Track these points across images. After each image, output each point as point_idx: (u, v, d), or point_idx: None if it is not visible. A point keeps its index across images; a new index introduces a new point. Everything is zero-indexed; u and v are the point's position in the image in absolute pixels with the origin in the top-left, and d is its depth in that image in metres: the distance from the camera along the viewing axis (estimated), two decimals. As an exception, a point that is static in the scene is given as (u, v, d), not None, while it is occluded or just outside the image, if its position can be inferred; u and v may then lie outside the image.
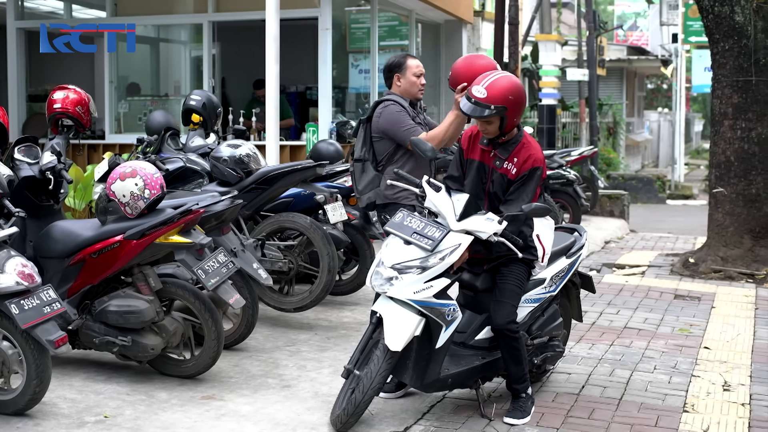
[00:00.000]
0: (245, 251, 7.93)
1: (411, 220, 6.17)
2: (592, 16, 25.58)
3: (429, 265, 5.99)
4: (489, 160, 6.44)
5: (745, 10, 12.04)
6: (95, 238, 6.71)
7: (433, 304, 5.98)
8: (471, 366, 6.40)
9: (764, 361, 8.12)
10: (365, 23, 16.70)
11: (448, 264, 6.03)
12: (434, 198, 6.25)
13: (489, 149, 6.44)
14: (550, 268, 6.74)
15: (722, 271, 11.92)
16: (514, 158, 6.37)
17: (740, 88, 12.14)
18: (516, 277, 6.41)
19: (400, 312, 5.97)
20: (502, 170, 6.39)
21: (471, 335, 6.46)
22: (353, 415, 5.97)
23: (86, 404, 6.43)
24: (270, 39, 11.14)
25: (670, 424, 6.44)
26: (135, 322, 6.73)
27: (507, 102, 6.17)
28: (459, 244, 6.06)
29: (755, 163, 12.17)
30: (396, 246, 6.11)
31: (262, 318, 8.69)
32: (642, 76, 44.73)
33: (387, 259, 6.08)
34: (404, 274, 5.99)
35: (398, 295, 5.96)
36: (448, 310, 6.04)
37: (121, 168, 6.84)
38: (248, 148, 8.76)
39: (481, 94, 6.19)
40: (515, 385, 6.47)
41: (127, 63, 16.20)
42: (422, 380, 6.21)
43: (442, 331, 6.05)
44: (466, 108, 6.26)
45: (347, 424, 6.00)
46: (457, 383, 6.45)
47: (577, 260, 7.03)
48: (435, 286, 5.98)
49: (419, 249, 6.04)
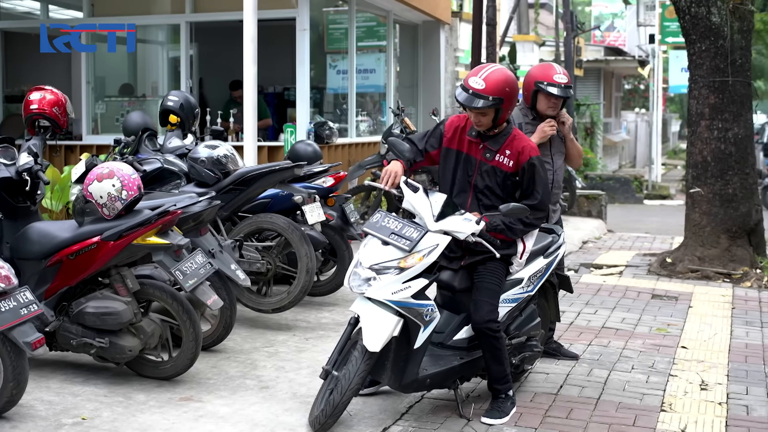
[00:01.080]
0: (223, 252, 7.91)
1: (389, 221, 6.17)
2: (569, 17, 25.62)
3: (407, 265, 5.98)
4: (477, 153, 6.42)
5: (722, 11, 12.08)
6: (72, 240, 6.68)
7: (411, 305, 5.98)
8: (449, 366, 6.40)
9: (741, 360, 8.15)
10: (343, 24, 16.69)
11: (427, 264, 6.03)
12: (412, 199, 6.25)
13: (478, 141, 6.43)
14: (528, 267, 6.72)
15: (699, 271, 11.96)
16: (506, 150, 6.38)
17: (717, 88, 12.18)
18: (494, 275, 6.41)
19: (378, 312, 5.97)
20: (494, 163, 6.38)
21: (449, 335, 6.46)
22: (331, 416, 5.97)
23: (64, 406, 6.40)
24: (247, 39, 11.13)
25: (647, 423, 6.46)
26: (112, 324, 6.71)
27: (504, 94, 6.19)
28: (437, 245, 6.06)
29: (732, 163, 12.21)
30: (374, 247, 6.11)
31: (240, 319, 8.68)
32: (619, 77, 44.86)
33: (365, 259, 6.08)
34: (382, 275, 5.98)
35: (376, 295, 5.96)
36: (426, 311, 6.04)
37: (98, 169, 6.82)
38: (226, 149, 8.74)
39: (478, 85, 6.20)
40: (497, 385, 6.47)
41: (104, 64, 16.14)
42: (400, 381, 6.21)
43: (420, 332, 6.05)
44: (462, 98, 6.24)
45: (326, 425, 6.00)
46: (436, 383, 6.44)
47: (555, 260, 7.02)
48: (413, 287, 5.98)
49: (397, 249, 6.03)
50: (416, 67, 19.98)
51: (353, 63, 16.35)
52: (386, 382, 6.30)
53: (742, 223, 12.27)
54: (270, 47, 14.83)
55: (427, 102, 19.36)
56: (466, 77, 6.33)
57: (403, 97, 18.68)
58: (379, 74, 18.02)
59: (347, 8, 16.45)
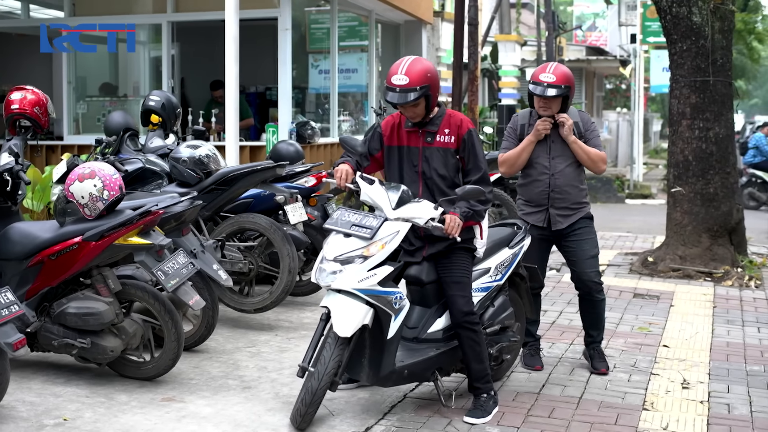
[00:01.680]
0: (205, 252, 7.91)
1: (348, 215, 6.27)
2: (551, 17, 25.68)
3: (370, 253, 6.08)
4: (418, 141, 6.48)
5: (703, 11, 12.11)
6: (54, 240, 6.66)
7: (378, 292, 6.06)
8: (426, 356, 6.45)
9: (722, 359, 8.18)
10: (325, 23, 16.68)
11: (389, 251, 6.12)
12: (368, 191, 6.34)
13: (415, 130, 6.49)
14: (494, 257, 6.85)
15: (681, 270, 11.99)
16: (444, 129, 6.45)
17: (698, 88, 12.22)
18: (460, 267, 6.47)
19: (347, 302, 6.04)
20: (436, 144, 6.44)
21: (423, 329, 6.53)
22: (311, 404, 6.00)
23: (45, 407, 6.39)
24: (229, 39, 11.11)
25: (629, 422, 6.47)
26: (94, 324, 6.69)
27: (428, 80, 6.26)
28: (397, 231, 6.16)
29: (713, 163, 12.25)
30: (337, 240, 6.19)
31: (223, 319, 8.68)
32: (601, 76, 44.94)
33: (329, 253, 6.16)
34: (347, 265, 6.06)
35: (343, 285, 6.03)
36: (394, 298, 6.13)
37: (79, 169, 6.80)
38: (208, 149, 8.74)
39: (402, 81, 6.25)
40: (477, 384, 6.50)
41: (85, 64, 16.09)
42: (378, 374, 6.25)
43: (391, 321, 6.13)
44: (393, 98, 6.29)
45: (306, 415, 6.02)
46: (415, 375, 6.47)
47: (521, 251, 7.11)
48: (378, 274, 6.07)
49: (359, 239, 6.11)
50: (398, 67, 19.95)
51: (335, 63, 16.34)
52: (365, 379, 6.36)
53: (723, 222, 12.31)
54: (252, 47, 14.81)
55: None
56: (388, 78, 6.36)
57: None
58: (361, 74, 18.02)
59: (329, 8, 16.44)
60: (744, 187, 22.53)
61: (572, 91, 7.35)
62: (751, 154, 23.70)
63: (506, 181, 13.93)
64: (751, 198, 23.02)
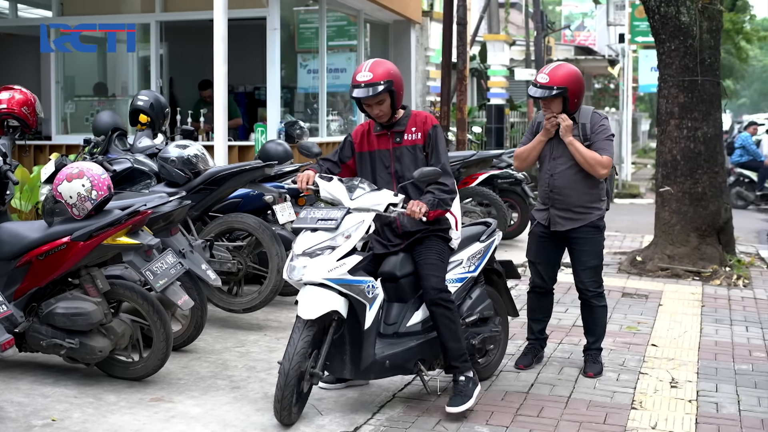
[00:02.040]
0: (194, 252, 7.90)
1: (314, 212, 6.37)
2: (539, 17, 25.72)
3: (336, 243, 6.17)
4: (387, 143, 6.65)
5: (691, 11, 12.14)
6: (42, 240, 6.65)
7: (350, 281, 6.15)
8: (407, 347, 6.52)
9: (711, 358, 8.19)
10: (314, 23, 16.66)
11: (355, 240, 6.23)
12: (327, 186, 6.50)
13: (384, 133, 6.66)
14: (466, 250, 6.94)
15: (669, 269, 12.02)
16: (411, 128, 6.63)
17: (686, 87, 12.24)
18: (433, 251, 6.57)
19: (315, 290, 6.13)
20: (406, 142, 6.61)
21: (402, 324, 6.59)
22: (285, 387, 6.00)
23: (33, 408, 6.37)
24: (218, 39, 11.09)
25: (618, 421, 6.48)
26: (82, 324, 6.68)
27: (391, 76, 6.45)
28: (362, 221, 6.27)
29: (701, 162, 12.28)
30: (304, 236, 6.29)
31: (211, 319, 8.67)
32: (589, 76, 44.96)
33: (297, 248, 6.25)
34: (315, 257, 6.15)
35: (314, 277, 6.10)
36: (366, 287, 6.23)
37: (67, 169, 6.79)
38: (196, 149, 8.73)
39: (366, 77, 6.44)
40: (455, 363, 6.53)
41: (73, 63, 16.05)
42: (359, 366, 6.32)
43: (367, 311, 6.23)
44: (359, 93, 6.46)
45: (284, 400, 6.02)
46: (396, 366, 6.51)
47: (492, 244, 7.20)
48: (348, 263, 6.17)
49: (325, 232, 6.21)
50: (387, 67, 19.96)
51: (324, 62, 16.32)
52: (348, 375, 6.43)
53: (711, 222, 12.34)
54: (240, 46, 14.79)
55: (397, 101, 19.32)
56: (353, 78, 6.53)
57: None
58: (350, 74, 17.85)
59: (318, 8, 16.42)
60: (731, 187, 22.59)
61: (573, 91, 7.31)
62: (737, 154, 23.76)
63: (495, 180, 13.96)
64: (739, 197, 23.08)
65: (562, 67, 7.43)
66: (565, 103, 7.35)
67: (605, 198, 7.54)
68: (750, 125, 25.70)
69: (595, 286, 7.54)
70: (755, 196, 23.30)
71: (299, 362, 6.03)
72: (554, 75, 7.31)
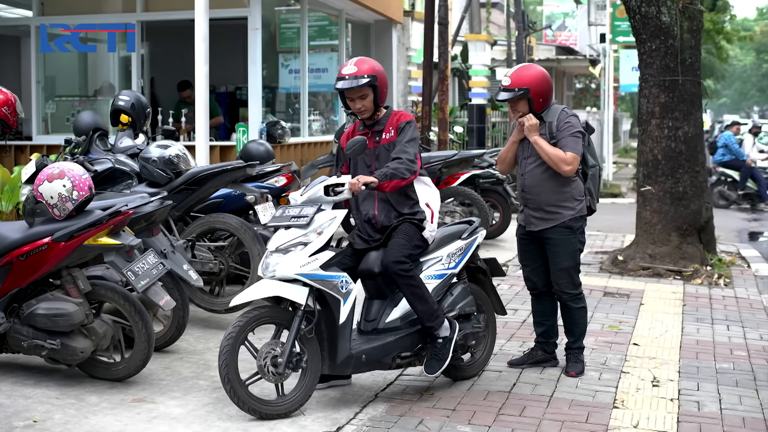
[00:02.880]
0: (175, 252, 7.88)
1: (288, 210, 6.50)
2: (521, 17, 25.73)
3: (308, 240, 6.30)
4: (369, 144, 6.76)
5: (672, 11, 12.18)
6: (23, 241, 6.63)
7: (323, 276, 6.29)
8: (384, 342, 6.66)
9: (692, 356, 8.22)
10: (295, 23, 16.64)
11: (327, 237, 6.38)
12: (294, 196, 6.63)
13: (365, 132, 6.81)
14: (446, 247, 7.03)
15: (650, 269, 12.05)
16: (389, 127, 6.79)
17: (667, 87, 12.28)
18: (403, 233, 6.70)
19: (268, 282, 6.34)
20: (384, 141, 6.77)
21: (381, 320, 6.74)
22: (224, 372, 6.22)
23: (15, 409, 6.35)
24: (199, 39, 11.07)
25: (600, 420, 6.50)
26: (64, 325, 6.66)
27: (375, 72, 6.62)
28: (334, 217, 6.41)
29: (682, 162, 12.31)
30: (278, 234, 6.42)
31: (193, 319, 8.65)
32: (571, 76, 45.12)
33: (271, 245, 6.38)
34: (288, 254, 6.27)
35: (286, 272, 6.23)
36: (339, 282, 6.36)
37: (48, 169, 6.77)
38: (178, 149, 8.71)
39: (351, 70, 6.63)
40: (428, 323, 6.68)
41: (54, 63, 16.00)
42: (335, 361, 6.45)
43: (341, 305, 6.35)
44: (341, 85, 6.63)
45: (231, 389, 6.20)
46: (372, 361, 6.62)
47: (474, 242, 7.25)
48: (320, 259, 6.31)
49: (297, 228, 6.33)
50: (369, 67, 19.95)
51: (305, 62, 16.31)
52: (325, 369, 6.52)
53: (692, 221, 12.38)
54: (222, 46, 14.77)
55: (378, 101, 19.31)
56: (338, 73, 6.71)
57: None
58: (332, 73, 17.97)
59: (299, 7, 16.40)
60: (714, 186, 22.67)
61: (537, 91, 7.33)
62: (720, 153, 23.83)
63: (477, 180, 13.97)
64: (721, 197, 23.15)
65: (524, 69, 7.52)
66: (530, 103, 7.36)
67: (581, 198, 7.49)
68: (733, 124, 25.79)
69: (570, 288, 7.51)
70: (737, 195, 23.38)
71: (227, 353, 6.21)
72: (516, 77, 7.38)
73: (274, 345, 6.33)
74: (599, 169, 7.76)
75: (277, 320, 6.40)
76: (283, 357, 6.24)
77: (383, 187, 6.54)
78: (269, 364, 6.28)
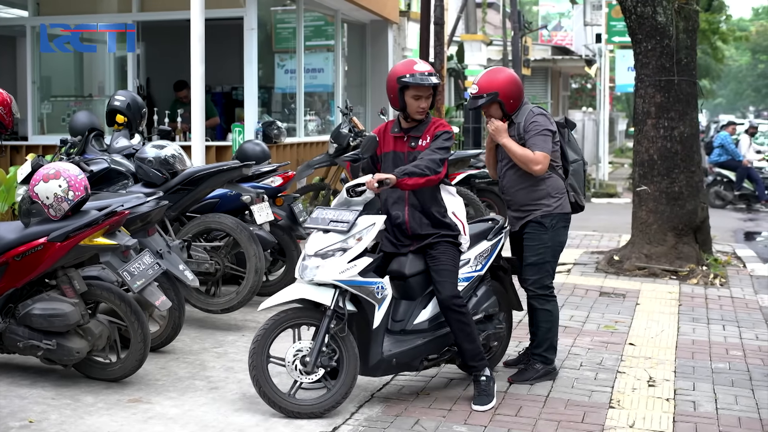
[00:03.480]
0: (171, 253, 7.87)
1: (326, 212, 6.51)
2: (516, 17, 25.76)
3: (348, 246, 6.33)
4: (403, 147, 6.79)
5: (667, 11, 12.18)
6: (18, 241, 6.62)
7: (360, 283, 6.33)
8: (413, 345, 6.67)
9: (688, 356, 8.22)
10: (291, 23, 16.65)
11: (366, 243, 6.39)
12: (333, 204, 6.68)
13: (401, 135, 6.81)
14: (473, 249, 7.03)
15: (646, 268, 12.05)
16: (427, 135, 6.77)
17: (663, 87, 12.28)
18: (447, 256, 6.70)
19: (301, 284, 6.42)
20: (420, 148, 6.74)
21: (409, 322, 6.72)
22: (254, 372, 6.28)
23: (10, 409, 6.35)
24: (195, 39, 11.07)
25: (596, 420, 6.50)
26: (60, 326, 6.65)
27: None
28: (374, 224, 6.43)
29: (678, 162, 12.32)
30: (317, 237, 6.43)
31: (189, 319, 8.65)
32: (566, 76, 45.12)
33: (310, 249, 6.39)
34: (327, 259, 6.30)
35: (325, 277, 6.27)
36: (376, 288, 6.39)
37: (44, 169, 6.76)
38: (173, 149, 8.70)
39: (425, 68, 6.70)
40: (472, 363, 6.71)
41: (50, 64, 16.00)
42: (367, 364, 6.50)
43: (376, 311, 6.39)
44: (418, 78, 6.61)
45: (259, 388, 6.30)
46: (402, 364, 6.66)
47: (500, 242, 7.27)
48: (359, 265, 6.33)
49: (337, 233, 6.37)
50: (364, 67, 19.98)
51: (301, 62, 16.31)
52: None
53: (688, 221, 12.38)
54: (218, 46, 14.77)
55: (375, 101, 19.36)
56: (409, 68, 6.69)
57: (352, 96, 18.67)
58: (328, 73, 18.01)
59: (295, 7, 16.41)
60: (710, 186, 22.70)
61: (506, 94, 7.25)
62: (716, 153, 23.85)
63: (472, 180, 13.97)
64: (718, 197, 23.17)
65: (491, 73, 7.48)
66: (501, 106, 7.31)
67: (558, 195, 7.40)
68: (729, 125, 25.82)
69: (536, 286, 7.39)
70: (733, 195, 23.41)
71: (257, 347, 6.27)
72: (484, 82, 7.36)
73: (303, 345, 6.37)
74: (584, 164, 7.71)
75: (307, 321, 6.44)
76: (312, 356, 6.28)
77: (402, 185, 6.51)
78: (298, 363, 6.31)
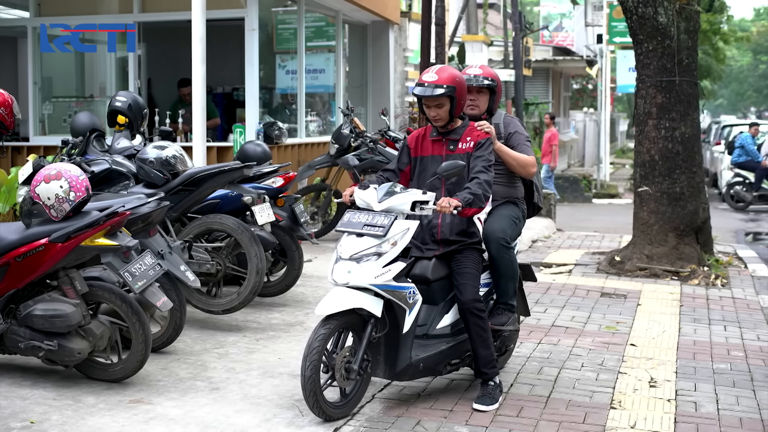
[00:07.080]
0: (172, 253, 7.87)
1: (359, 216, 6.47)
2: (518, 17, 25.74)
3: (383, 250, 6.31)
4: (441, 150, 6.80)
5: (669, 12, 12.19)
6: (20, 242, 6.61)
7: (394, 287, 6.33)
8: (438, 350, 6.70)
9: (689, 357, 8.22)
10: (292, 24, 16.65)
11: (401, 248, 6.38)
12: (361, 194, 6.57)
13: (440, 139, 6.83)
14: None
15: (647, 269, 12.05)
16: (467, 138, 6.77)
17: (664, 88, 12.29)
18: (471, 261, 6.72)
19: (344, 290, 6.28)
20: (459, 151, 6.75)
21: (432, 326, 6.74)
22: (307, 381, 6.10)
23: (12, 410, 6.34)
24: (196, 40, 11.07)
25: (597, 420, 6.50)
26: (61, 326, 6.65)
27: (455, 83, 6.60)
28: (408, 229, 6.43)
29: (679, 162, 12.33)
30: (350, 240, 6.39)
31: (190, 320, 8.64)
32: (567, 77, 45.09)
33: (344, 252, 6.36)
34: (362, 263, 6.28)
35: (360, 282, 6.26)
36: (408, 293, 6.39)
37: (45, 170, 6.76)
38: (175, 150, 8.70)
39: (432, 78, 6.61)
40: (484, 369, 6.73)
41: (51, 64, 16.00)
42: (394, 369, 6.52)
43: (407, 315, 6.40)
44: (419, 91, 6.62)
45: (309, 400, 6.15)
46: (428, 368, 6.70)
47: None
48: (393, 270, 6.33)
49: (372, 238, 6.33)
50: (365, 67, 19.98)
51: (302, 63, 16.31)
52: (381, 374, 6.60)
53: (689, 222, 12.39)
54: (219, 47, 14.77)
55: (376, 102, 19.37)
56: (419, 78, 6.70)
57: (353, 97, 18.68)
58: (329, 74, 18.01)
59: (296, 8, 16.41)
60: (730, 187, 22.80)
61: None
62: (737, 153, 23.96)
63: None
64: (737, 199, 23.26)
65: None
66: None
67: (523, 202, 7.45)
68: (752, 126, 25.90)
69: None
70: (753, 197, 23.43)
71: (315, 359, 6.13)
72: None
73: (347, 351, 6.35)
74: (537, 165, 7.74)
75: (350, 327, 6.41)
76: (356, 363, 6.31)
77: (464, 213, 6.52)
78: (342, 370, 6.30)
